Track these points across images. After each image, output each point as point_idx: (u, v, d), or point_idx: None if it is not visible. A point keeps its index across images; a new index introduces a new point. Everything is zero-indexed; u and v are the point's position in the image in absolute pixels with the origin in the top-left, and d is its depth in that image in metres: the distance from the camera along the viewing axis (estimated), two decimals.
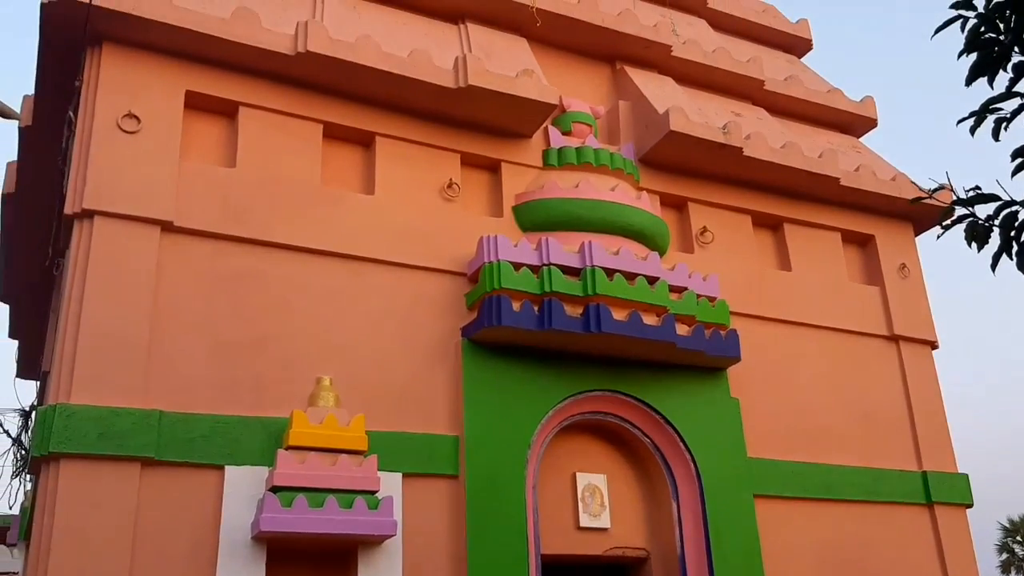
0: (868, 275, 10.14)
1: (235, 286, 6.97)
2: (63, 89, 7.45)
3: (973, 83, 3.45)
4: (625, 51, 9.65)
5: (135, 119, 6.96)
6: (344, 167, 7.95)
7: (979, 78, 3.47)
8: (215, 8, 7.43)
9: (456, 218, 8.05)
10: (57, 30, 7.00)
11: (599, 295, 7.53)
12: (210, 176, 7.18)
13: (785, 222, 9.73)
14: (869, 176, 9.82)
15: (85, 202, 6.60)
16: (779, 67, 10.99)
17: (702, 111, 9.38)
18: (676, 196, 9.22)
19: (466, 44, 8.73)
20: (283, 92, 7.64)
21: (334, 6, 8.30)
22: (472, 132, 8.38)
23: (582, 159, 8.62)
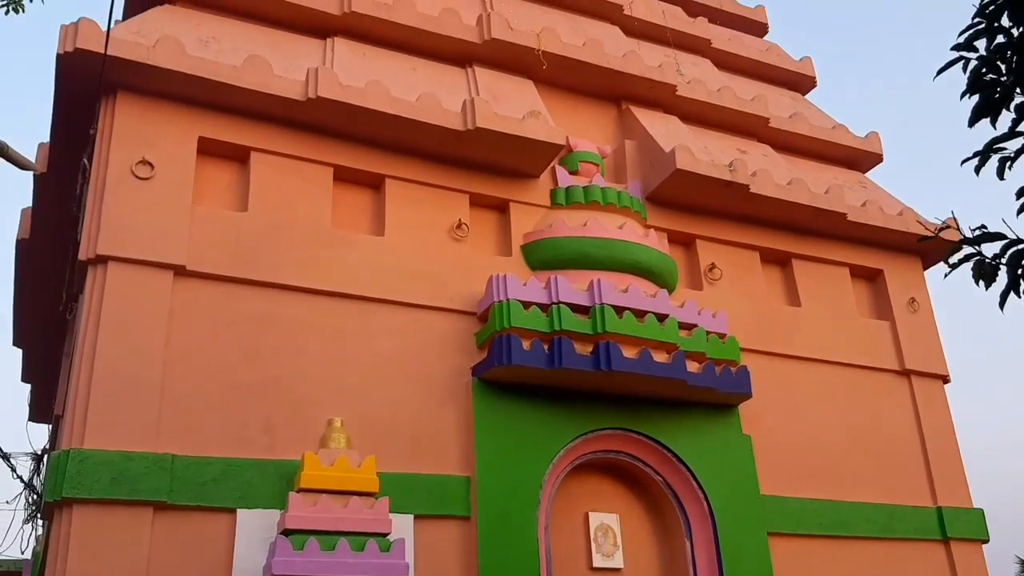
0: (877, 310, 10.14)
1: (246, 329, 7.02)
2: (78, 137, 7.57)
3: (976, 124, 3.50)
4: (630, 91, 9.76)
5: (149, 165, 7.06)
6: (354, 209, 8.03)
7: (982, 119, 3.51)
8: (227, 56, 7.57)
9: (465, 258, 8.11)
10: (73, 80, 7.14)
11: (609, 333, 7.55)
12: (222, 220, 7.26)
13: (793, 258, 9.76)
14: (876, 211, 9.86)
15: (99, 248, 6.68)
16: (783, 104, 11.09)
17: (708, 149, 9.46)
18: (684, 233, 9.27)
19: (474, 87, 8.85)
20: (294, 137, 7.75)
21: (344, 52, 8.44)
22: (480, 173, 8.47)
23: (589, 198, 8.70)
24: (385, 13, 8.66)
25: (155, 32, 7.41)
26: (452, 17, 8.99)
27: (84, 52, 6.89)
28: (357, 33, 8.72)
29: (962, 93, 3.74)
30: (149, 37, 7.27)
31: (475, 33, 9.04)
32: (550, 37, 9.25)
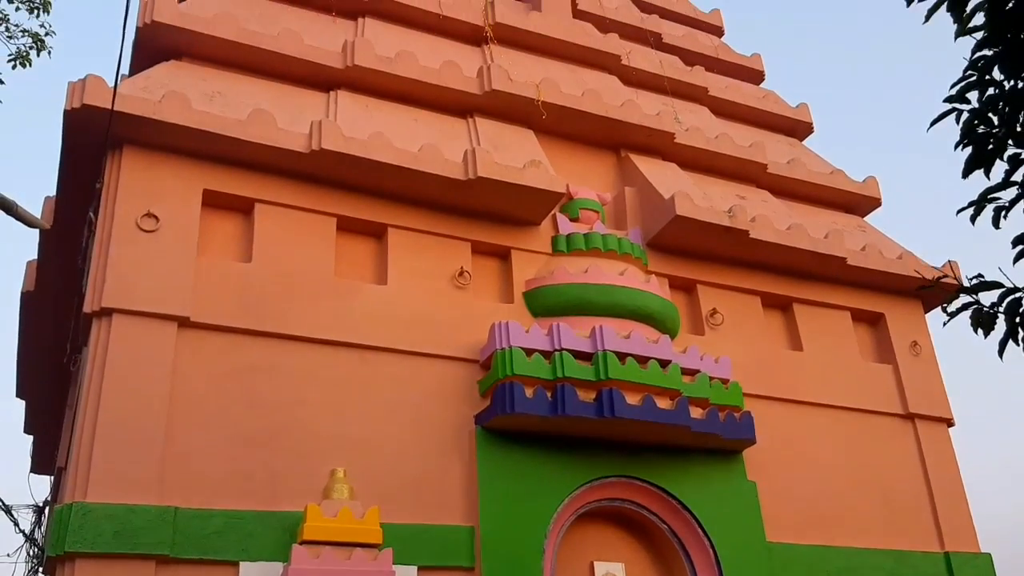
0: (880, 353, 10.15)
1: (250, 379, 7.04)
2: (84, 191, 7.66)
3: (969, 175, 3.56)
4: (629, 139, 9.89)
5: (154, 218, 7.14)
6: (357, 258, 8.09)
7: (975, 171, 3.57)
8: (233, 110, 7.68)
9: (468, 305, 8.15)
10: (80, 135, 7.24)
11: (612, 379, 7.56)
12: (226, 271, 7.32)
13: (794, 302, 9.80)
14: (875, 255, 9.92)
15: (104, 300, 6.73)
16: (781, 150, 11.21)
17: (707, 195, 9.55)
18: (685, 279, 9.32)
19: (475, 137, 8.96)
20: (298, 188, 7.84)
21: (347, 105, 8.56)
22: (482, 221, 8.55)
23: (590, 245, 8.76)
24: (387, 66, 8.81)
25: (162, 87, 7.54)
26: (453, 69, 9.13)
27: (91, 108, 7.00)
28: (360, 86, 8.86)
29: (956, 144, 3.80)
30: (156, 92, 7.40)
31: (476, 84, 9.18)
32: (550, 87, 9.40)
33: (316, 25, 9.35)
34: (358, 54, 8.73)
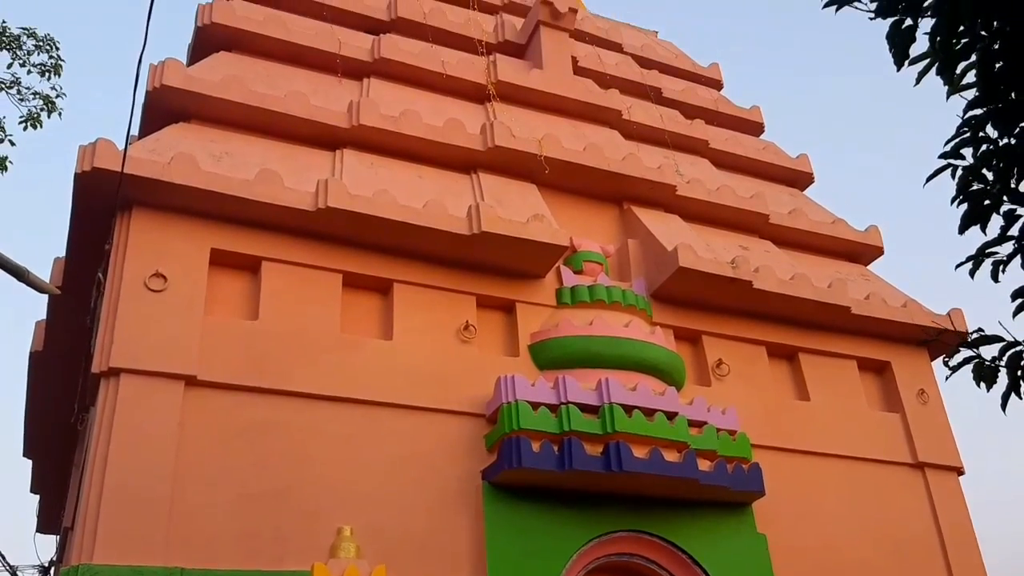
0: (887, 402, 10.11)
1: (256, 437, 7.04)
2: (93, 252, 7.75)
3: (966, 231, 3.60)
4: (631, 192, 9.99)
5: (162, 278, 7.22)
6: (363, 314, 8.14)
7: (971, 226, 3.62)
8: (240, 170, 7.81)
9: (473, 359, 8.17)
10: (90, 197, 7.36)
11: (618, 433, 7.54)
12: (233, 329, 7.37)
13: (800, 352, 9.80)
14: (879, 304, 9.94)
15: (112, 361, 6.77)
16: (783, 200, 11.31)
17: (710, 246, 9.61)
18: (690, 330, 9.34)
19: (479, 192, 9.07)
20: (304, 246, 7.93)
21: (353, 163, 8.69)
22: (487, 275, 8.61)
23: (595, 297, 8.81)
24: (392, 125, 8.96)
25: (170, 149, 7.68)
26: (457, 127, 9.28)
27: (101, 171, 7.13)
28: (365, 144, 9.00)
29: (952, 199, 3.85)
30: (164, 154, 7.53)
31: (479, 141, 9.32)
32: (552, 143, 9.53)
33: (322, 86, 9.54)
34: (363, 113, 8.89)
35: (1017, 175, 3.63)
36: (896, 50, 3.24)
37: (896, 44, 3.23)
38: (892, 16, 3.21)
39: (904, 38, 3.22)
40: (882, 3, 3.17)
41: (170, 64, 8.38)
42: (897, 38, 3.21)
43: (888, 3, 3.15)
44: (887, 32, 3.23)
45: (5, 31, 9.11)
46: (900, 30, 3.20)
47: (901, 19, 3.21)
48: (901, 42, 3.21)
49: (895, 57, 3.25)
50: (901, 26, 3.20)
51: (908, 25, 3.20)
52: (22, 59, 9.23)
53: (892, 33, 3.24)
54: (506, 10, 12.10)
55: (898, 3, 3.14)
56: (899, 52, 3.25)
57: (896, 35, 3.22)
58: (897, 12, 3.18)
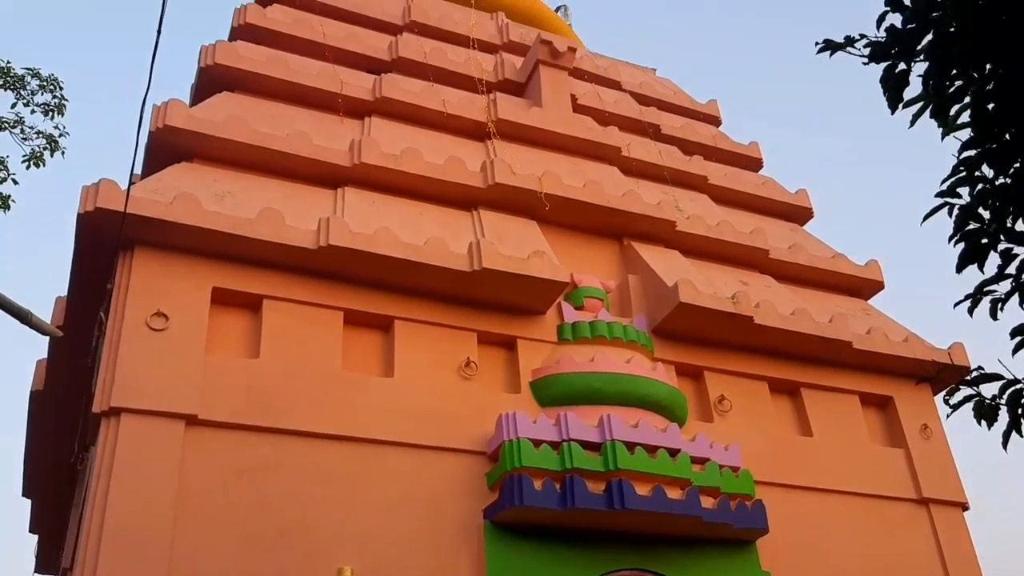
0: (890, 437, 10.07)
1: (257, 477, 7.01)
2: (95, 291, 7.78)
3: (963, 270, 3.62)
4: (631, 228, 10.04)
5: (163, 317, 7.23)
6: (364, 351, 8.14)
7: (969, 265, 3.64)
8: (242, 209, 7.86)
9: (475, 396, 8.16)
10: (92, 237, 7.40)
11: (621, 470, 7.51)
12: (234, 368, 7.37)
13: (802, 387, 9.78)
14: (881, 338, 9.93)
15: (113, 400, 6.77)
16: (782, 235, 11.35)
17: (710, 282, 9.64)
18: (691, 366, 9.33)
19: (480, 229, 9.11)
20: (305, 284, 7.95)
21: (354, 201, 8.75)
22: (488, 312, 8.62)
23: (596, 333, 8.81)
24: (393, 163, 9.03)
25: (173, 189, 7.73)
26: (457, 164, 9.35)
27: (104, 211, 7.17)
28: (367, 182, 9.07)
29: (949, 238, 3.88)
30: (167, 194, 7.58)
31: (480, 178, 9.38)
32: (552, 179, 9.60)
33: (324, 125, 9.63)
34: (365, 152, 8.96)
35: (1013, 214, 3.66)
36: (890, 94, 3.28)
37: (890, 88, 3.27)
38: (885, 61, 3.26)
39: (898, 82, 3.26)
40: (875, 49, 3.22)
41: (173, 104, 8.47)
42: (891, 82, 3.26)
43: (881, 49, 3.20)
44: (881, 76, 3.28)
45: (10, 71, 9.21)
46: (894, 74, 3.25)
47: (894, 64, 3.26)
48: (895, 86, 3.26)
49: (889, 101, 3.29)
50: (894, 70, 3.25)
51: (901, 70, 3.25)
52: (26, 99, 9.32)
53: (886, 77, 3.28)
54: (506, 49, 12.24)
55: (891, 48, 3.19)
56: (893, 96, 3.29)
57: (890, 79, 3.26)
58: (890, 57, 3.23)
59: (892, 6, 3.23)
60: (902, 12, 3.20)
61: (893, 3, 3.22)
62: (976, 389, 3.66)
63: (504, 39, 12.36)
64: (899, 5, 3.20)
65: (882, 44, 3.21)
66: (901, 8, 3.20)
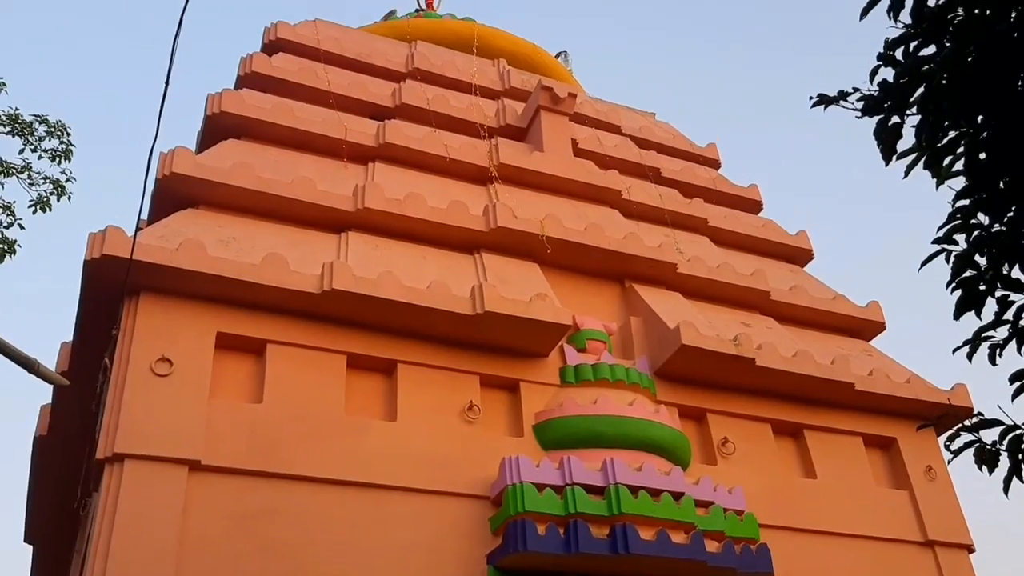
0: (895, 479, 10.02)
1: (260, 523, 6.99)
2: (100, 337, 7.82)
3: (960, 317, 3.67)
4: (633, 270, 10.10)
5: (168, 362, 7.27)
6: (367, 395, 8.16)
7: (966, 312, 3.68)
8: (247, 254, 7.93)
9: (477, 440, 8.16)
10: (98, 284, 7.47)
11: (625, 514, 7.48)
12: (238, 413, 7.39)
13: (805, 429, 9.76)
14: (883, 380, 9.94)
15: (117, 446, 6.79)
16: (783, 277, 11.40)
17: (712, 324, 9.67)
18: (694, 408, 9.33)
19: (482, 272, 9.18)
20: (309, 328, 8.00)
21: (358, 245, 8.83)
22: (490, 355, 8.65)
23: (599, 375, 8.83)
24: (397, 208, 9.12)
25: (179, 235, 7.82)
26: (460, 208, 9.45)
27: (111, 257, 7.25)
28: (370, 227, 9.16)
29: (947, 284, 3.92)
30: (173, 240, 7.66)
31: (482, 222, 9.47)
32: (553, 223, 9.68)
33: (329, 170, 9.75)
34: (368, 197, 9.06)
35: (1009, 261, 3.71)
36: (884, 146, 3.35)
37: (884, 141, 3.35)
38: (878, 115, 3.33)
39: (891, 135, 3.34)
40: (868, 103, 3.30)
41: (180, 152, 8.59)
42: (884, 135, 3.33)
43: (874, 103, 3.28)
44: (874, 129, 3.36)
45: (18, 118, 9.34)
46: (887, 127, 3.33)
47: (887, 117, 3.33)
48: (888, 139, 3.33)
49: (883, 153, 3.36)
50: (888, 123, 3.33)
51: (894, 123, 3.33)
52: (33, 145, 9.43)
53: (879, 130, 3.36)
54: (507, 95, 12.42)
55: (883, 102, 3.27)
56: (887, 148, 3.36)
57: (883, 132, 3.34)
58: (883, 111, 3.31)
59: (884, 61, 3.32)
60: (894, 67, 3.29)
61: (885, 58, 3.31)
62: (976, 435, 3.68)
63: (506, 85, 12.55)
64: (891, 60, 3.29)
65: (875, 98, 3.29)
66: (893, 63, 3.29)
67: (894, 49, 3.31)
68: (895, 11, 3.26)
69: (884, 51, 3.32)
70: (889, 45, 3.31)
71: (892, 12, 3.27)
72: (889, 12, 3.28)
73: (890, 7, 3.27)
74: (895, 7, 3.25)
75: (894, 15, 3.27)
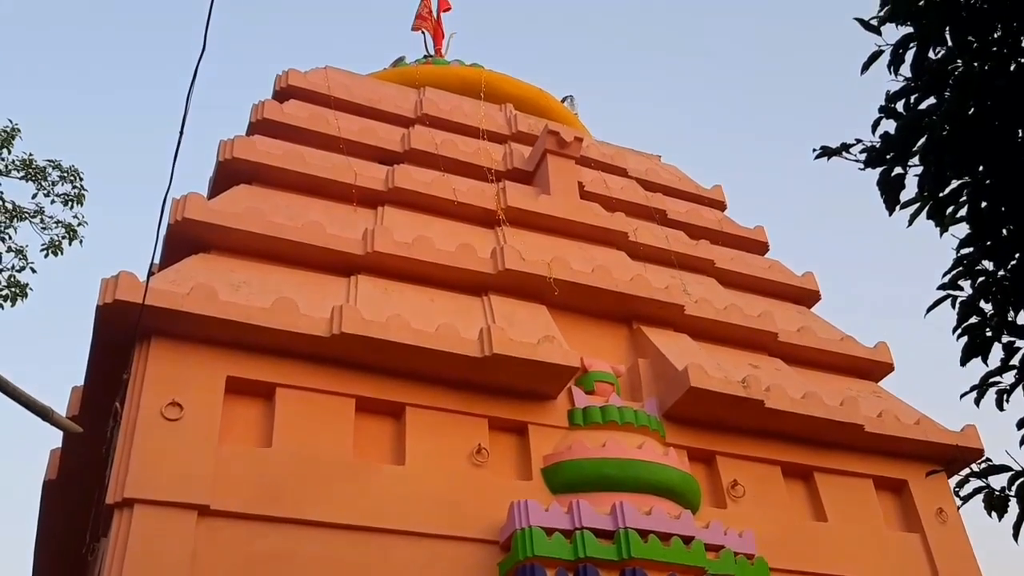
0: (906, 522, 9.93)
1: (269, 568, 6.97)
2: (111, 381, 7.88)
3: (967, 364, 3.69)
4: (640, 312, 10.13)
5: (178, 407, 7.31)
6: (376, 439, 8.17)
7: (972, 359, 3.71)
8: (257, 298, 8.01)
9: (486, 484, 8.14)
10: (110, 328, 7.54)
11: (634, 559, 7.44)
12: (247, 458, 7.40)
13: (815, 471, 9.71)
14: (893, 421, 9.90)
15: (126, 491, 6.80)
16: (791, 318, 11.42)
17: (720, 365, 9.67)
18: (703, 450, 9.30)
19: (490, 315, 9.23)
20: (318, 371, 8.04)
21: (367, 288, 8.90)
22: (499, 397, 8.66)
23: (607, 418, 8.82)
24: (405, 251, 9.21)
25: (190, 280, 7.90)
26: (468, 251, 9.53)
27: (123, 303, 7.32)
28: (380, 270, 9.24)
29: (953, 329, 3.96)
30: (184, 285, 7.74)
31: (490, 264, 9.54)
32: (560, 265, 9.75)
33: (338, 214, 9.86)
34: (378, 240, 9.15)
35: (1014, 307, 3.74)
36: (887, 197, 3.41)
37: (886, 191, 3.40)
38: (881, 166, 3.40)
39: (894, 186, 3.40)
40: (871, 155, 3.36)
41: (192, 198, 8.71)
42: (887, 186, 3.39)
43: (877, 154, 3.34)
44: (877, 180, 3.42)
45: (32, 163, 9.48)
46: (889, 178, 3.39)
47: (890, 168, 3.40)
48: (891, 190, 3.39)
49: (886, 203, 3.42)
50: (890, 174, 3.39)
51: (897, 174, 3.39)
52: (46, 189, 9.56)
53: (882, 181, 3.42)
54: (514, 139, 12.56)
55: (886, 154, 3.33)
56: (890, 199, 3.42)
57: (886, 183, 3.40)
58: (885, 162, 3.37)
59: (886, 113, 3.39)
60: (895, 119, 3.36)
61: (886, 110, 3.38)
62: (985, 480, 3.69)
63: (513, 130, 12.70)
64: (892, 112, 3.36)
65: (877, 150, 3.35)
66: (894, 115, 3.36)
67: (895, 102, 3.38)
68: (895, 66, 3.34)
69: (885, 104, 3.39)
70: (890, 98, 3.39)
71: (892, 67, 3.35)
72: (889, 67, 3.37)
73: (890, 62, 3.35)
74: (895, 62, 3.33)
75: (894, 70, 3.35)
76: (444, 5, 16.99)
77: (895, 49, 3.28)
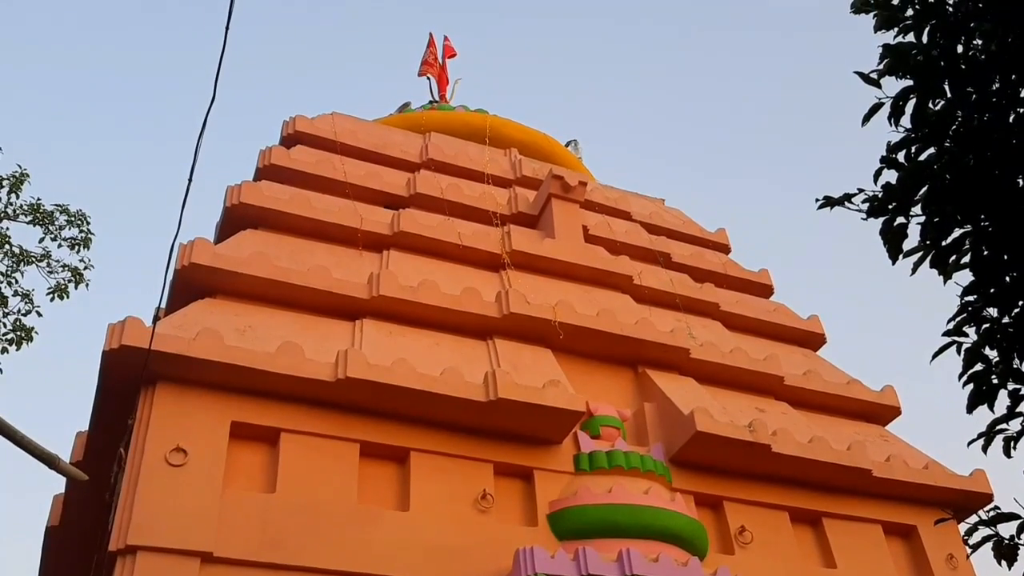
0: (916, 568, 9.79)
1: None
2: (115, 426, 7.86)
3: (973, 411, 3.68)
4: (646, 356, 10.12)
5: (182, 452, 7.29)
6: (380, 484, 8.13)
7: (978, 406, 3.70)
8: (262, 343, 8.02)
9: (491, 530, 8.07)
10: (116, 374, 7.55)
11: None
12: (250, 504, 7.36)
13: (823, 516, 9.61)
14: (901, 466, 9.82)
15: (130, 538, 6.76)
16: (796, 362, 11.38)
17: (726, 409, 9.63)
18: (710, 495, 9.22)
19: (495, 359, 9.22)
20: (323, 416, 8.03)
21: (372, 332, 8.91)
22: (504, 442, 8.62)
23: (613, 463, 8.77)
24: (411, 295, 9.24)
25: (196, 325, 7.92)
26: (473, 295, 9.55)
27: (129, 348, 7.34)
28: (385, 314, 9.26)
29: (959, 376, 3.95)
30: (190, 330, 7.77)
31: (495, 308, 9.56)
32: (565, 308, 9.76)
33: (344, 258, 9.91)
34: (383, 284, 9.19)
35: (1019, 354, 3.74)
36: (889, 246, 3.44)
37: (889, 240, 3.43)
38: (883, 216, 3.43)
39: (896, 235, 3.42)
40: (873, 204, 3.40)
41: (199, 243, 8.77)
42: (890, 235, 3.42)
43: (879, 204, 3.38)
44: (880, 229, 3.45)
45: (39, 208, 9.54)
46: (892, 228, 3.42)
47: (892, 218, 3.43)
48: (894, 239, 3.42)
49: (889, 253, 3.44)
50: (892, 224, 3.42)
51: (899, 223, 3.42)
52: (54, 233, 9.61)
53: (885, 230, 3.45)
54: (519, 184, 12.66)
55: (887, 203, 3.36)
56: (893, 248, 3.45)
57: (888, 232, 3.42)
58: (887, 212, 3.40)
59: (887, 164, 3.43)
60: (897, 169, 3.40)
61: (888, 160, 3.42)
62: (994, 528, 3.66)
63: (517, 174, 12.80)
64: (894, 163, 3.40)
65: (879, 199, 3.39)
66: (895, 165, 3.40)
67: (896, 152, 3.42)
68: (895, 117, 3.38)
69: (887, 154, 3.43)
70: (891, 149, 3.43)
71: (892, 119, 3.40)
72: (890, 119, 3.41)
73: (890, 114, 3.40)
74: (895, 114, 3.38)
75: (895, 121, 3.40)
76: (450, 52, 17.24)
77: (895, 101, 3.34)
